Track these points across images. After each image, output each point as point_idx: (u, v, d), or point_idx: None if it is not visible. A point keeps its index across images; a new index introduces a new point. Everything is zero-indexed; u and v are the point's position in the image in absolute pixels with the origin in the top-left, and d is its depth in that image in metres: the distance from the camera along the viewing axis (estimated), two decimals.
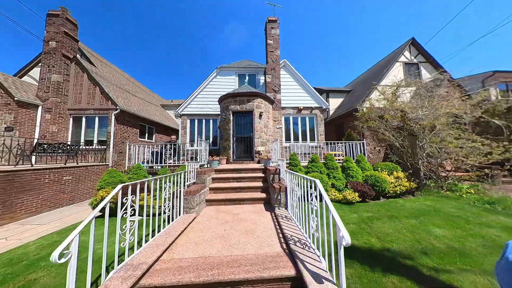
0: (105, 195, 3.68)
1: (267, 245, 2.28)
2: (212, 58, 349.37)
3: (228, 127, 7.23)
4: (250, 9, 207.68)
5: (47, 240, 3.27)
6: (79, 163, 6.94)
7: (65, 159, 6.57)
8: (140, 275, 1.67)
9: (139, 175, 4.33)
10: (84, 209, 5.72)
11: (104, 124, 8.28)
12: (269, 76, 8.42)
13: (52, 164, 6.10)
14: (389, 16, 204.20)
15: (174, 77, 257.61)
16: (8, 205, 4.52)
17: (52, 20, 7.99)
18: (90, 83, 8.32)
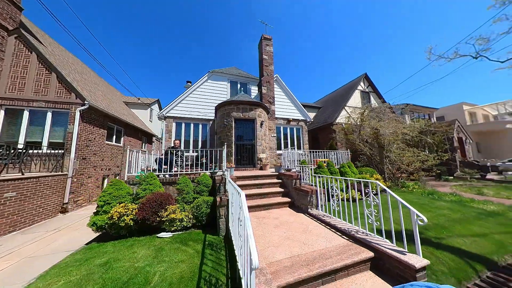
0: (123, 211, 3.04)
1: (331, 239, 2.70)
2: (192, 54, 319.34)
3: (229, 134, 7.19)
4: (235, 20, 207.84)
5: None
6: (25, 173, 5.08)
7: (1, 167, 4.69)
8: (271, 278, 1.74)
9: (154, 185, 3.73)
10: (38, 235, 4.25)
11: (60, 122, 6.39)
12: (264, 88, 9.02)
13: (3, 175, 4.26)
14: (344, 53, 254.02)
15: (134, 72, 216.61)
16: None
17: None
18: (41, 67, 6.31)
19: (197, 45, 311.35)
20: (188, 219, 3.40)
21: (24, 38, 6.26)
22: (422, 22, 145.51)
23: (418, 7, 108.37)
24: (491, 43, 5.26)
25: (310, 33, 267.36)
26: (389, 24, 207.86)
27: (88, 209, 6.61)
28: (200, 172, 4.58)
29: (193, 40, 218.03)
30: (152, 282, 1.91)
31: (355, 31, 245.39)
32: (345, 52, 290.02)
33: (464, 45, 5.80)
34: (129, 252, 2.54)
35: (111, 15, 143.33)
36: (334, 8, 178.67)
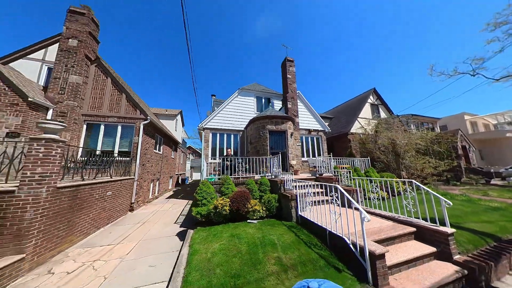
0: (223, 202, 4.13)
1: (381, 222, 3.73)
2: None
3: (265, 144, 8.36)
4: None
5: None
6: (112, 177, 6.22)
7: (96, 172, 5.84)
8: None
9: (232, 185, 4.83)
10: (129, 227, 5.32)
11: (127, 134, 7.62)
12: (289, 103, 10.32)
13: (100, 178, 5.41)
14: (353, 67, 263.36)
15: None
16: (70, 225, 3.97)
17: (74, 18, 7.24)
18: (114, 89, 7.67)
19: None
20: (263, 211, 4.46)
21: (102, 66, 7.68)
22: (422, 45, 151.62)
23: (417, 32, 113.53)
24: (487, 61, 6.42)
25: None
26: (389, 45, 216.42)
27: (146, 208, 7.65)
28: (250, 176, 5.71)
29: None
30: (277, 243, 2.96)
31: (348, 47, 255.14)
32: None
33: (462, 64, 7.02)
34: (239, 230, 3.58)
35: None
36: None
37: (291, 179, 4.83)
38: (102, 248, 3.99)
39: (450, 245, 2.91)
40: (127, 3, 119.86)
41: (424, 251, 2.88)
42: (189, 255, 2.86)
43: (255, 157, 6.98)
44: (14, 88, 5.55)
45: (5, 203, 3.00)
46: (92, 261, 3.46)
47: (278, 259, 2.61)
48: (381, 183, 5.48)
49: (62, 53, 6.89)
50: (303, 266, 2.46)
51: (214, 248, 2.97)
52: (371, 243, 2.58)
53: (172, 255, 3.63)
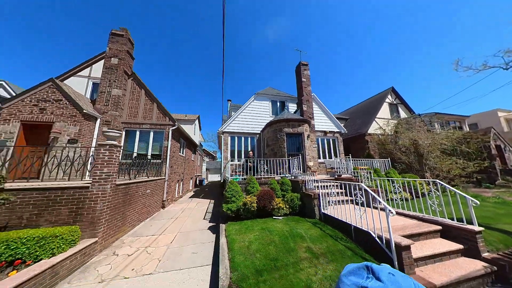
0: (250, 200, 4.57)
1: (405, 220, 3.86)
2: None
3: (282, 146, 8.70)
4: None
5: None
6: (144, 176, 7.03)
7: (135, 172, 6.66)
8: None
9: (257, 185, 5.27)
10: (165, 221, 5.99)
11: (157, 138, 8.51)
12: (305, 106, 10.57)
13: (140, 178, 6.23)
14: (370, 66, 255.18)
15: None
16: (123, 217, 4.69)
17: (115, 39, 8.38)
18: (147, 99, 8.65)
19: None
20: (286, 208, 4.80)
21: (137, 79, 8.72)
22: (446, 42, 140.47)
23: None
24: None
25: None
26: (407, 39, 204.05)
27: (174, 206, 8.41)
28: (270, 176, 6.11)
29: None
30: (305, 236, 3.29)
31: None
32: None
33: (493, 58, 6.57)
34: (267, 224, 3.98)
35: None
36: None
37: (313, 179, 5.11)
38: (149, 238, 4.65)
39: (478, 242, 2.98)
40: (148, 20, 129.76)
41: (450, 248, 3.00)
42: (229, 243, 3.32)
43: (274, 159, 7.35)
44: (73, 102, 6.65)
45: (82, 196, 3.76)
46: (144, 247, 4.10)
47: (308, 248, 2.94)
48: (403, 184, 5.48)
49: (106, 70, 8.02)
50: (332, 255, 2.76)
51: (249, 238, 3.39)
52: (396, 236, 2.79)
53: (208, 245, 4.14)
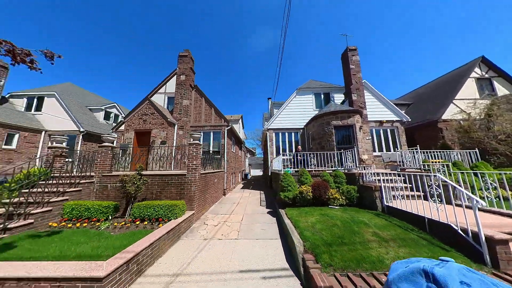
0: (306, 189, 5.02)
1: (502, 219, 3.31)
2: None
3: (330, 139, 8.53)
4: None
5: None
6: (212, 169, 8.62)
7: (204, 165, 8.29)
8: None
9: (309, 176, 5.67)
10: (229, 206, 7.21)
11: (216, 137, 10.16)
12: (354, 95, 9.80)
13: (209, 170, 7.83)
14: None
15: None
16: (204, 198, 6.11)
17: (182, 59, 10.50)
18: (207, 105, 10.43)
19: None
20: (342, 199, 4.94)
21: (198, 90, 10.63)
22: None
23: None
24: None
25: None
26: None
27: (232, 194, 9.89)
28: (319, 170, 6.26)
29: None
30: (368, 223, 3.47)
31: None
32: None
33: None
34: (325, 211, 4.34)
35: None
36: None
37: (372, 172, 4.97)
38: (223, 215, 5.90)
39: None
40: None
41: None
42: (293, 223, 3.90)
43: (322, 152, 7.40)
44: (161, 114, 8.97)
45: (182, 180, 5.27)
46: (223, 221, 5.30)
47: (375, 233, 3.11)
48: (500, 179, 4.45)
49: (178, 86, 10.23)
50: (403, 241, 2.84)
51: (311, 220, 3.86)
52: (488, 230, 2.56)
53: (272, 225, 4.89)
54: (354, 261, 2.43)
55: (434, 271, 0.32)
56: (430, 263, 0.35)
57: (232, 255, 3.32)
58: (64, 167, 5.77)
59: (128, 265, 2.50)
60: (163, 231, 3.51)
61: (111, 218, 4.51)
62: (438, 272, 0.32)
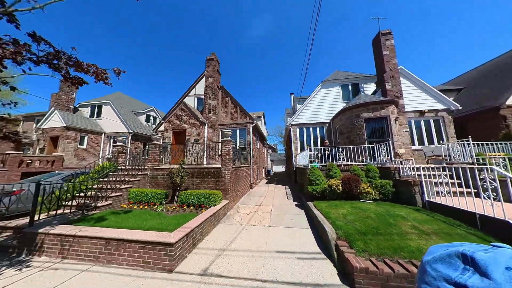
0: (335, 183, 5.06)
1: None
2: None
3: (360, 133, 8.11)
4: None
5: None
6: (239, 164, 9.21)
7: (233, 161, 8.90)
8: None
9: (338, 171, 5.66)
10: (257, 198, 7.63)
11: (242, 134, 10.72)
12: (388, 83, 8.98)
13: (238, 164, 8.45)
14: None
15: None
16: (235, 190, 6.67)
17: (209, 63, 11.31)
18: (233, 104, 11.05)
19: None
20: (375, 194, 4.81)
21: (224, 90, 11.32)
22: None
23: None
24: None
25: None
26: None
27: (258, 188, 10.38)
28: (349, 164, 6.08)
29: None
30: (406, 217, 3.39)
31: None
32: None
33: None
34: (357, 205, 4.34)
35: None
36: None
37: (411, 167, 4.67)
38: (253, 206, 6.37)
39: None
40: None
41: None
42: (323, 214, 4.05)
43: (352, 147, 7.13)
44: (194, 114, 9.94)
45: (217, 173, 5.90)
46: (254, 211, 5.77)
47: (414, 226, 3.05)
48: None
49: (206, 88, 11.10)
50: (448, 236, 2.73)
51: (342, 212, 3.95)
52: None
53: (301, 216, 5.11)
54: (391, 249, 2.50)
55: (475, 255, 0.30)
56: (474, 248, 0.32)
57: (267, 239, 3.71)
58: (125, 162, 7.08)
59: (187, 237, 3.11)
60: (207, 214, 4.12)
61: (164, 203, 5.43)
62: (480, 256, 0.29)
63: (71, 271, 2.74)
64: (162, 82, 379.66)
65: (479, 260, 0.28)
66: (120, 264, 2.84)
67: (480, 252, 0.30)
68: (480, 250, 0.31)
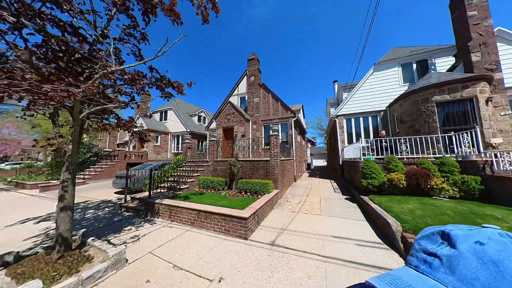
0: (397, 177, 4.68)
1: None
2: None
3: (431, 120, 6.81)
4: None
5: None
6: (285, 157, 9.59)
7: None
8: None
9: (399, 164, 5.17)
10: (303, 190, 7.76)
11: (283, 128, 11.00)
12: (476, 54, 6.96)
13: (283, 158, 8.91)
14: None
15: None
16: (283, 181, 7.10)
17: (250, 62, 12.00)
18: (273, 100, 11.43)
19: None
20: (453, 191, 4.14)
21: (265, 87, 11.79)
22: None
23: None
24: None
25: None
26: None
27: (301, 181, 10.52)
28: (413, 157, 5.26)
29: None
30: (502, 219, 2.89)
31: None
32: None
33: None
34: (427, 201, 3.94)
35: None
36: None
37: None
38: (301, 197, 6.67)
39: None
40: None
41: None
42: (383, 208, 3.91)
43: (417, 137, 6.14)
44: (239, 112, 10.96)
45: (267, 165, 6.51)
46: (303, 201, 6.08)
47: None
48: None
49: (249, 86, 11.90)
50: None
51: (408, 207, 3.69)
52: None
53: (353, 209, 5.04)
54: None
55: (451, 232, 0.33)
56: (459, 227, 0.35)
57: (321, 225, 3.98)
58: (192, 155, 8.78)
59: (254, 215, 3.81)
60: (265, 199, 4.77)
61: (225, 189, 6.54)
62: (454, 232, 0.33)
63: (179, 229, 3.95)
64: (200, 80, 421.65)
65: (452, 235, 0.33)
66: (208, 229, 3.85)
67: (458, 230, 0.34)
68: (461, 229, 0.34)
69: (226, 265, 2.61)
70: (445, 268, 0.30)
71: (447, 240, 0.33)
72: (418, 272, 0.33)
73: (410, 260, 0.36)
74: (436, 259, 0.32)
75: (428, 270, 0.32)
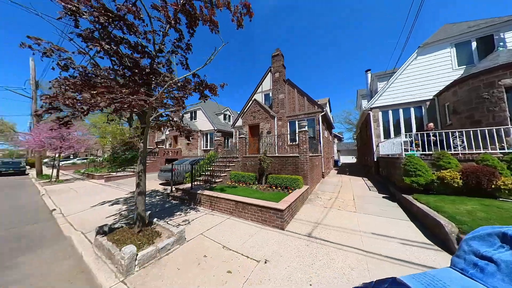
0: (451, 175, 4.18)
1: None
2: None
3: (496, 109, 5.71)
4: None
5: None
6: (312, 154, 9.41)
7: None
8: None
9: (452, 161, 4.59)
10: (333, 187, 7.49)
11: (310, 124, 10.71)
12: None
13: (311, 154, 8.81)
14: None
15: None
16: (312, 176, 7.03)
17: (274, 59, 11.95)
18: (299, 95, 11.19)
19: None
20: None
21: (290, 83, 11.62)
22: None
23: None
24: None
25: None
26: None
27: (330, 178, 10.17)
28: (471, 153, 4.46)
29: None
30: None
31: None
32: None
33: None
34: (491, 202, 3.45)
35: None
36: None
37: None
38: (331, 193, 6.53)
39: None
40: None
41: None
42: (433, 208, 3.58)
43: (477, 129, 5.25)
44: (264, 109, 11.13)
45: (296, 161, 6.56)
46: (334, 197, 5.95)
47: None
48: None
49: (273, 83, 11.92)
50: None
51: (465, 208, 3.31)
52: None
53: (393, 208, 4.71)
54: None
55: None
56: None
57: (358, 222, 3.90)
58: (221, 152, 9.42)
59: (289, 208, 4.00)
60: (297, 194, 4.89)
61: (256, 183, 6.90)
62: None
63: (220, 217, 4.43)
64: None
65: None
66: (246, 219, 4.21)
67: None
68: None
69: (268, 250, 2.88)
70: (503, 275, 0.26)
71: (510, 243, 0.28)
72: (465, 276, 0.30)
73: (456, 261, 0.33)
74: (490, 264, 0.28)
75: (478, 275, 0.28)
